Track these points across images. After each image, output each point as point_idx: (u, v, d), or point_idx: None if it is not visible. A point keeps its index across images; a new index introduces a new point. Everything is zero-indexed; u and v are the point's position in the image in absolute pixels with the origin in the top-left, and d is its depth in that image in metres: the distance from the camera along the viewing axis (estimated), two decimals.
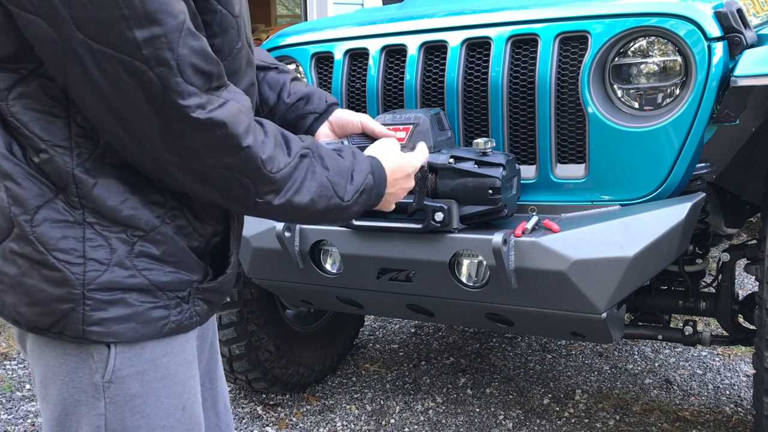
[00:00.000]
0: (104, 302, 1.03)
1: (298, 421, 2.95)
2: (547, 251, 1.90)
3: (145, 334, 1.07)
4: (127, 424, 1.09)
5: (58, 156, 1.00)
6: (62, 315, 1.03)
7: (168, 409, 1.13)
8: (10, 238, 1.02)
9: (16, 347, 3.72)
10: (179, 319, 1.11)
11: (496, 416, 2.93)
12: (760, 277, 2.12)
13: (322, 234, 2.21)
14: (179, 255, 1.10)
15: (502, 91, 2.12)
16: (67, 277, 1.02)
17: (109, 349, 1.06)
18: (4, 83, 0.99)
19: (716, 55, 1.92)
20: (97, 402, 1.07)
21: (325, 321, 3.21)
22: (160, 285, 1.07)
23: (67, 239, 1.02)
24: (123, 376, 1.08)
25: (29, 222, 1.01)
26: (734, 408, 2.95)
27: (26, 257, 1.02)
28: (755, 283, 2.28)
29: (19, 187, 1.01)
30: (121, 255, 1.04)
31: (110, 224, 1.03)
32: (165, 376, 1.12)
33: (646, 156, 1.99)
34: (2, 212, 1.02)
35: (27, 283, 1.03)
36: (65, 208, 1.02)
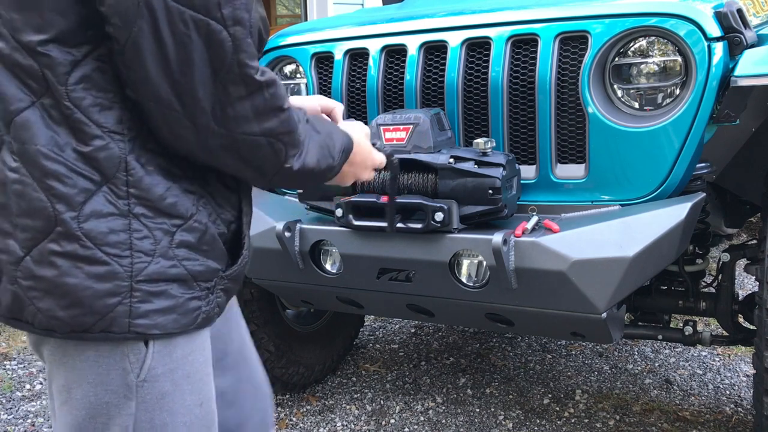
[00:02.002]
0: (150, 294, 1.04)
1: (298, 421, 2.95)
2: (547, 251, 1.90)
3: (184, 325, 1.08)
4: (155, 422, 1.10)
5: (113, 142, 1.01)
6: (108, 311, 1.02)
7: (190, 405, 1.14)
8: (49, 239, 1.00)
9: (16, 347, 3.72)
10: (208, 310, 1.13)
11: (496, 416, 2.93)
12: (760, 277, 2.12)
13: (322, 234, 2.21)
14: (211, 243, 1.12)
15: (502, 91, 2.12)
16: (115, 270, 1.01)
17: (147, 347, 1.07)
18: (64, 67, 0.98)
19: (716, 55, 1.92)
20: (128, 402, 1.08)
21: (325, 321, 3.20)
22: (195, 275, 1.09)
23: (115, 232, 1.01)
24: (157, 375, 1.09)
25: (75, 218, 1.00)
26: (734, 408, 2.95)
27: (69, 256, 1.00)
28: (755, 283, 2.28)
29: (64, 184, 1.00)
30: (164, 245, 1.05)
31: (154, 214, 1.04)
32: (189, 373, 1.13)
33: (646, 156, 1.99)
34: (41, 213, 1.00)
35: (68, 284, 1.01)
36: (111, 199, 1.02)
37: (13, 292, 1.04)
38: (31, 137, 0.99)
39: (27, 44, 0.98)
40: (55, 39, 0.98)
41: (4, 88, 1.00)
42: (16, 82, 1.00)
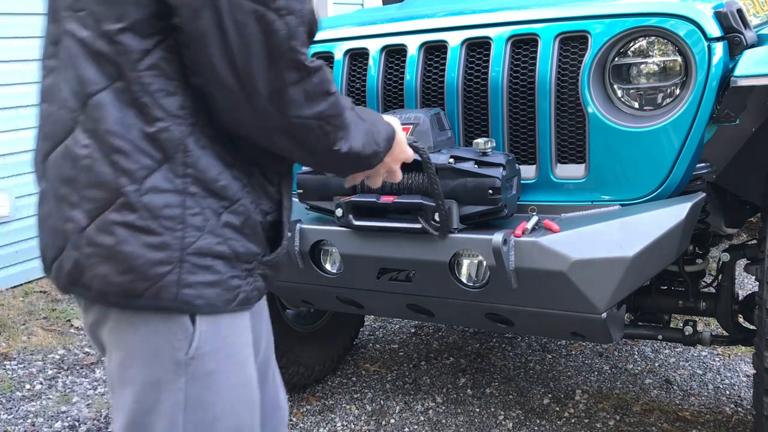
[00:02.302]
0: (197, 267, 1.13)
1: (298, 421, 2.95)
2: (547, 251, 1.90)
3: (226, 301, 1.17)
4: (203, 399, 1.18)
5: (175, 126, 1.10)
6: (159, 278, 1.11)
7: (234, 386, 1.23)
8: (112, 209, 1.09)
9: (16, 347, 3.72)
10: (248, 291, 1.21)
11: (496, 416, 2.93)
12: (760, 277, 2.12)
13: (322, 234, 2.21)
14: (252, 227, 1.20)
15: (502, 91, 2.12)
16: (168, 241, 1.10)
17: (194, 325, 1.15)
18: (136, 54, 1.08)
19: (716, 55, 1.92)
20: (179, 379, 1.16)
21: (325, 321, 3.20)
22: (238, 255, 1.18)
23: (170, 207, 1.11)
24: (203, 353, 1.17)
25: (137, 191, 1.09)
26: (734, 408, 2.95)
27: (128, 225, 1.09)
28: (755, 283, 2.28)
29: (128, 160, 1.09)
30: (212, 223, 1.14)
31: (206, 194, 1.13)
32: (232, 354, 1.22)
33: (646, 156, 1.99)
34: (106, 185, 1.09)
35: (125, 251, 1.09)
36: (170, 177, 1.11)
37: (75, 258, 1.13)
38: (103, 117, 1.09)
39: (107, 32, 1.08)
40: (130, 28, 1.08)
41: (84, 71, 1.10)
42: (95, 66, 1.09)
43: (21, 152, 4.61)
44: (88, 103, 1.10)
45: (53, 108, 1.15)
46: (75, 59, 1.11)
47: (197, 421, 1.19)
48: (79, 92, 1.11)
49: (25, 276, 4.68)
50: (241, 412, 1.25)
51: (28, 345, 3.76)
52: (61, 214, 1.14)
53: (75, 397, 3.21)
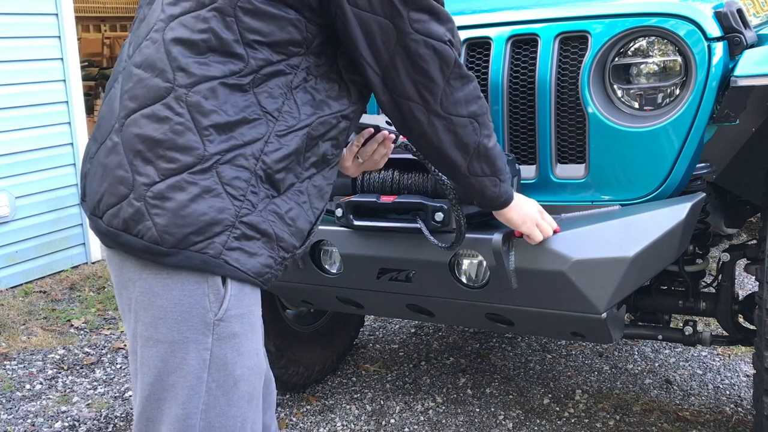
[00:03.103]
0: (245, 236, 1.27)
1: (298, 421, 2.95)
2: (547, 251, 1.90)
3: (257, 273, 1.30)
4: (227, 359, 1.30)
5: (266, 121, 1.29)
6: (213, 236, 1.24)
7: (252, 351, 1.35)
8: (191, 171, 1.24)
9: (16, 347, 3.72)
10: (274, 274, 1.34)
11: (496, 416, 2.93)
12: (760, 277, 2.12)
13: (322, 234, 2.21)
14: (294, 220, 1.35)
15: (502, 91, 2.12)
16: (229, 207, 1.25)
17: (226, 289, 1.28)
18: (263, 62, 1.27)
19: (716, 55, 1.92)
20: (206, 338, 1.28)
21: (325, 321, 3.20)
22: (279, 239, 1.32)
23: (239, 180, 1.26)
24: (231, 316, 1.29)
25: (218, 161, 1.25)
26: (734, 408, 2.95)
27: (201, 187, 1.24)
28: (755, 283, 2.28)
29: (219, 135, 1.25)
30: (263, 204, 1.30)
31: (266, 180, 1.29)
32: (252, 322, 1.35)
33: (646, 156, 1.99)
34: (193, 151, 1.24)
35: (193, 207, 1.23)
36: (248, 156, 1.27)
37: (138, 207, 1.24)
38: (213, 97, 1.25)
39: (249, 41, 1.26)
40: (269, 45, 1.28)
41: (215, 63, 1.26)
42: (225, 61, 1.26)
43: (21, 152, 4.61)
44: (202, 84, 1.25)
45: (148, 75, 1.28)
46: (207, 51, 1.26)
47: (220, 382, 1.30)
48: (198, 73, 1.25)
49: (25, 276, 4.68)
50: (254, 379, 1.37)
51: (28, 345, 3.76)
52: (132, 167, 1.25)
53: (75, 397, 3.21)
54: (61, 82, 4.83)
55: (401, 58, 1.36)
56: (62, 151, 4.87)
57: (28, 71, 4.62)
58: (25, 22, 4.60)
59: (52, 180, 4.80)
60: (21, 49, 4.57)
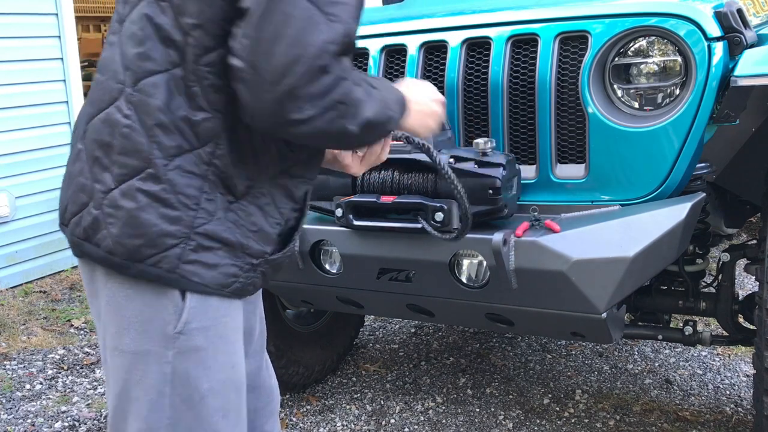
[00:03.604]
0: (202, 247, 1.21)
1: (298, 421, 2.95)
2: (547, 251, 1.90)
3: (219, 285, 1.24)
4: (191, 373, 1.24)
5: (215, 119, 1.19)
6: (166, 248, 1.19)
7: (223, 365, 1.29)
8: (139, 177, 1.18)
9: (16, 347, 3.72)
10: (244, 283, 1.28)
11: (496, 416, 2.93)
12: (760, 277, 2.12)
13: (322, 234, 2.21)
14: (257, 226, 1.27)
15: (502, 91, 2.12)
16: (182, 217, 1.19)
17: (184, 301, 1.22)
18: (200, 49, 1.17)
19: (716, 55, 1.92)
20: (167, 351, 1.23)
21: (325, 321, 3.20)
22: (243, 246, 1.25)
23: (191, 187, 1.20)
24: (191, 329, 1.23)
25: (165, 166, 1.18)
26: (734, 408, 2.95)
27: (150, 194, 1.18)
28: (755, 283, 2.28)
29: (167, 136, 1.18)
30: (221, 213, 1.23)
31: (220, 185, 1.22)
32: (222, 335, 1.28)
33: (646, 156, 1.99)
34: (140, 154, 1.18)
35: (142, 217, 1.18)
36: (198, 161, 1.20)
37: (95, 216, 1.21)
38: (156, 93, 1.18)
39: (183, 24, 1.17)
40: (202, 25, 1.17)
41: (154, 52, 1.19)
42: (163, 51, 1.19)
43: (21, 152, 4.61)
44: (145, 80, 1.19)
45: (104, 78, 1.25)
46: (146, 40, 1.20)
47: (185, 397, 1.24)
48: (138, 68, 1.20)
49: (25, 276, 4.68)
50: (228, 393, 1.30)
51: (28, 345, 3.76)
52: (92, 174, 1.23)
53: (75, 397, 3.21)
54: (61, 82, 4.83)
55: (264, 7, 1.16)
56: (62, 151, 4.86)
57: (28, 71, 4.62)
58: (25, 22, 4.60)
59: (52, 180, 4.80)
60: (21, 49, 4.57)
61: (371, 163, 1.52)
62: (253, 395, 1.50)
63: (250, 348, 1.49)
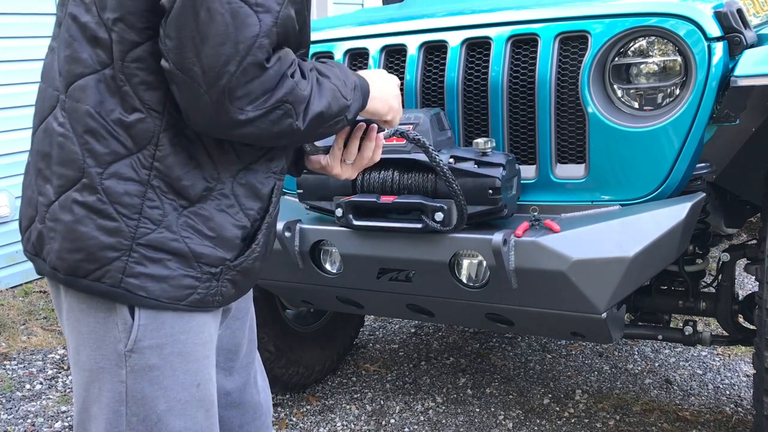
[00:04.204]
0: (147, 259, 1.14)
1: (298, 421, 2.95)
2: (547, 251, 1.90)
3: (172, 298, 1.16)
4: (146, 393, 1.18)
5: (151, 119, 1.12)
6: (107, 263, 1.12)
7: (184, 384, 1.21)
8: (75, 188, 1.12)
9: (16, 347, 3.72)
10: (204, 294, 1.19)
11: (496, 416, 2.93)
12: (760, 277, 2.12)
13: (322, 234, 2.21)
14: (217, 231, 1.19)
15: (502, 91, 2.12)
16: (121, 228, 1.12)
17: (134, 319, 1.15)
18: (125, 45, 1.10)
19: (716, 55, 1.92)
20: (120, 370, 1.17)
21: (325, 321, 3.20)
22: (197, 255, 1.17)
23: (130, 195, 1.12)
24: (143, 347, 1.17)
25: (100, 174, 1.11)
26: (734, 408, 2.95)
27: (86, 206, 1.12)
28: (755, 283, 2.28)
29: (99, 142, 1.11)
30: (171, 219, 1.15)
31: (168, 190, 1.14)
32: (182, 352, 1.20)
33: (646, 156, 1.99)
34: (74, 164, 1.12)
35: (79, 230, 1.12)
36: (135, 167, 1.12)
37: (39, 230, 1.18)
38: (85, 98, 1.12)
39: (105, 20, 1.11)
40: (123, 19, 1.09)
41: (80, 53, 1.13)
42: (90, 51, 1.12)
43: (21, 152, 4.61)
44: (74, 84, 1.13)
45: (44, 86, 1.20)
46: (73, 42, 1.14)
47: (141, 417, 1.19)
48: (67, 72, 1.14)
49: (25, 276, 4.68)
50: (193, 413, 1.23)
51: (28, 345, 3.76)
52: (36, 186, 1.19)
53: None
54: None
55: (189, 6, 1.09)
56: None
57: (28, 71, 4.62)
58: (25, 22, 4.60)
59: None
60: (21, 49, 4.56)
61: (363, 166, 1.45)
62: (237, 411, 1.46)
63: (236, 364, 1.43)
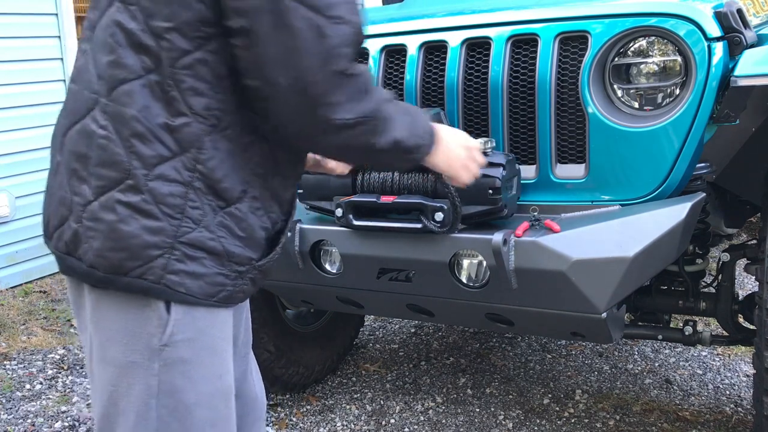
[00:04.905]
0: (187, 257, 1.19)
1: (298, 421, 2.95)
2: (547, 251, 1.90)
3: (206, 294, 1.22)
4: (177, 385, 1.23)
5: (196, 123, 1.17)
6: (149, 260, 1.17)
7: (209, 376, 1.27)
8: (118, 189, 1.16)
9: (16, 347, 3.72)
10: (232, 291, 1.26)
11: (496, 416, 2.93)
12: (760, 277, 2.12)
13: (322, 234, 2.21)
14: (248, 232, 1.25)
15: (502, 91, 2.12)
16: (164, 227, 1.17)
17: (169, 314, 1.20)
18: (177, 53, 1.15)
19: (716, 55, 1.92)
20: (152, 364, 1.21)
21: (325, 321, 3.20)
22: (229, 254, 1.23)
23: (174, 196, 1.17)
24: (176, 341, 1.21)
25: (145, 176, 1.15)
26: (734, 408, 2.95)
27: (130, 206, 1.16)
28: (755, 283, 2.28)
29: (145, 145, 1.15)
30: (209, 219, 1.20)
31: (207, 191, 1.19)
32: (209, 346, 1.26)
33: (646, 156, 1.99)
34: (118, 166, 1.16)
35: (123, 230, 1.16)
36: (179, 169, 1.17)
37: (75, 229, 1.19)
38: (131, 102, 1.16)
39: (155, 28, 1.15)
40: (178, 29, 1.14)
41: (124, 59, 1.16)
42: (136, 57, 1.16)
43: (21, 152, 4.61)
44: (118, 88, 1.16)
45: (78, 87, 1.23)
46: (117, 48, 1.17)
47: (171, 408, 1.23)
48: (110, 77, 1.17)
49: (25, 276, 4.68)
50: (217, 403, 1.29)
51: (28, 345, 3.76)
52: (70, 186, 1.21)
53: (75, 397, 3.21)
54: (61, 82, 4.83)
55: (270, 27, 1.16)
56: None
57: (28, 71, 4.62)
58: (25, 22, 4.60)
59: None
60: (21, 49, 4.57)
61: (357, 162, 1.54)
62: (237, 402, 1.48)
63: (235, 354, 1.47)
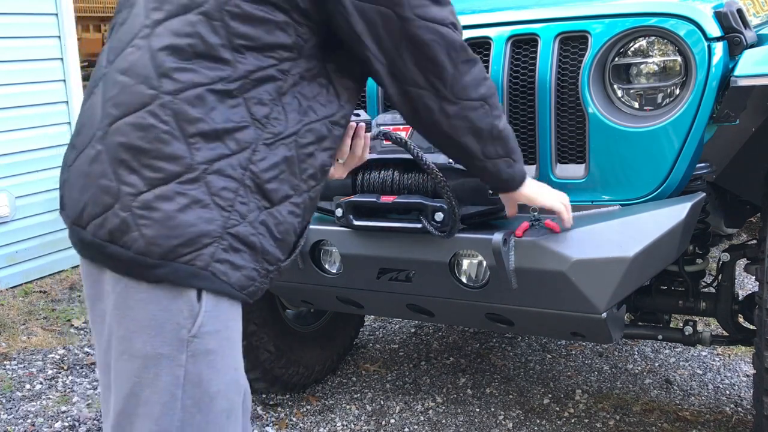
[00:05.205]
0: (232, 248, 1.25)
1: (298, 421, 2.95)
2: (547, 251, 1.90)
3: (240, 287, 1.28)
4: (203, 376, 1.27)
5: (254, 128, 1.27)
6: (202, 247, 1.23)
7: (229, 367, 1.32)
8: (177, 181, 1.22)
9: (16, 347, 3.72)
10: (258, 287, 1.32)
11: (496, 416, 2.93)
12: (760, 277, 2.12)
13: (322, 234, 2.21)
14: (283, 234, 1.33)
15: (501, 91, 2.12)
16: (216, 218, 1.24)
17: (200, 305, 1.25)
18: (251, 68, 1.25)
19: (716, 55, 1.92)
20: (180, 355, 1.25)
21: (325, 321, 3.20)
22: (264, 252, 1.30)
23: (227, 190, 1.24)
24: (205, 333, 1.26)
25: (205, 170, 1.23)
26: (734, 408, 2.95)
27: (189, 197, 1.22)
28: (755, 283, 2.28)
29: (207, 144, 1.23)
30: (253, 216, 1.27)
31: (256, 190, 1.27)
32: (230, 338, 1.32)
33: (646, 156, 1.99)
34: (180, 160, 1.22)
35: (180, 218, 1.21)
36: (235, 166, 1.25)
37: (123, 217, 1.22)
38: (200, 104, 1.23)
39: (236, 46, 1.25)
40: (257, 48, 1.26)
41: (201, 68, 1.24)
42: (211, 66, 1.24)
43: (21, 152, 4.61)
44: (188, 91, 1.23)
45: (132, 81, 1.25)
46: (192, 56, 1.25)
47: (196, 399, 1.27)
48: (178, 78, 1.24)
49: (25, 276, 4.68)
50: (233, 395, 1.33)
51: (28, 345, 3.76)
52: (116, 176, 1.23)
53: (75, 397, 3.21)
54: (61, 82, 4.83)
55: (406, 45, 1.35)
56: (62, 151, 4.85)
57: (28, 71, 4.62)
58: (25, 22, 4.60)
59: (52, 180, 4.79)
60: (21, 49, 4.57)
61: (353, 166, 1.64)
62: None
63: None
